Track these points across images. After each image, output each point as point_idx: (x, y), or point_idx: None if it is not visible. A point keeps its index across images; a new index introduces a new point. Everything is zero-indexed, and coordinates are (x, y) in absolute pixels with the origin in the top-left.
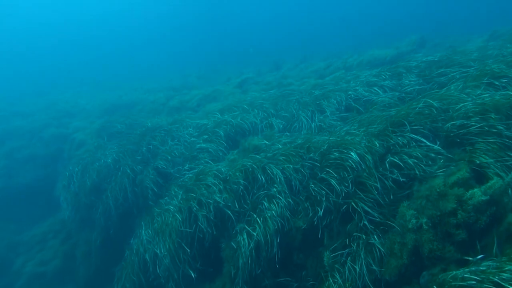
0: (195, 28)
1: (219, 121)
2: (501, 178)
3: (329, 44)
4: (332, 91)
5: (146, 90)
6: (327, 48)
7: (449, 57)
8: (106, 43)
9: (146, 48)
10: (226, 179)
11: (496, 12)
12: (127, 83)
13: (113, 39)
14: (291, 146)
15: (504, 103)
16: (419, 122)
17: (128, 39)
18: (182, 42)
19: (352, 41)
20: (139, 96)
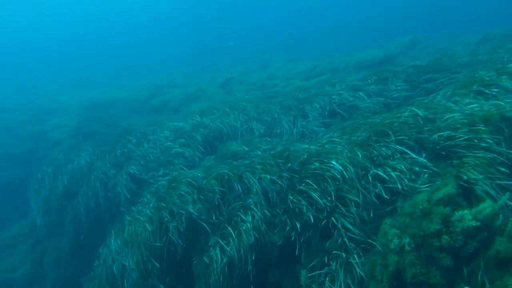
0: (190, 28)
1: (197, 124)
2: (492, 200)
3: (320, 43)
4: (316, 94)
5: (130, 88)
6: (318, 47)
7: (438, 62)
8: (99, 40)
9: (139, 46)
10: (200, 187)
11: (490, 13)
12: (113, 80)
13: (107, 37)
14: (270, 154)
15: (494, 114)
16: (404, 132)
17: (123, 37)
18: (176, 41)
19: (342, 41)
20: (122, 93)
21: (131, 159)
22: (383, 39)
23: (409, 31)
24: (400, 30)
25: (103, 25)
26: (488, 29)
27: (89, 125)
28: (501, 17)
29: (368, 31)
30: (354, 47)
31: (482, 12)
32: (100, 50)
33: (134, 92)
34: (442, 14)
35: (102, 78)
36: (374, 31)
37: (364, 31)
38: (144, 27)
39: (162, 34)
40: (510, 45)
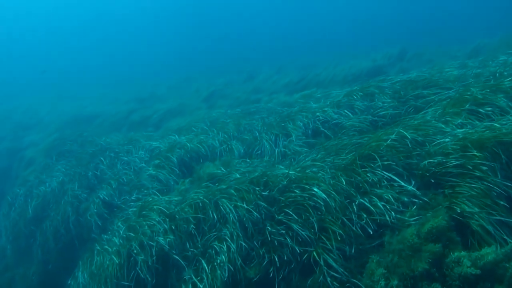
0: (178, 38)
1: (174, 144)
2: (490, 237)
3: (308, 52)
4: (299, 111)
5: (112, 100)
6: (305, 56)
7: (426, 76)
8: (88, 49)
9: (127, 55)
10: (173, 216)
11: (480, 22)
12: (96, 92)
13: (97, 46)
14: (247, 179)
15: (489, 137)
16: (392, 157)
17: (112, 47)
18: (164, 49)
19: (330, 50)
20: (103, 107)
21: (104, 181)
22: (371, 48)
23: (398, 40)
24: (389, 40)
25: (91, 34)
26: (479, 39)
27: (64, 143)
28: (491, 26)
29: (356, 40)
30: (342, 57)
31: (472, 21)
32: (89, 60)
33: (116, 106)
34: (432, 23)
35: (84, 89)
36: (362, 40)
37: (352, 40)
38: (133, 35)
39: (151, 41)
40: (502, 57)
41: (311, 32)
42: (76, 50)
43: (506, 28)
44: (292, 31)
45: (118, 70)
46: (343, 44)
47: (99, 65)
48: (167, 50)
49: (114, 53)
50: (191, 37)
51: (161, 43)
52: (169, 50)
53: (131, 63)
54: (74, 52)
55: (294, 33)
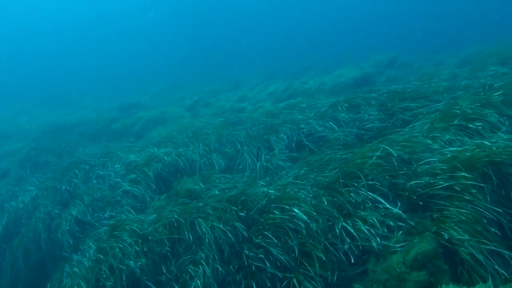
0: (167, 45)
1: (151, 157)
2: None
3: (296, 59)
4: (283, 123)
5: (95, 109)
6: (293, 64)
7: (415, 88)
8: (75, 55)
9: (115, 62)
10: (146, 237)
11: (475, 29)
12: (79, 100)
13: (85, 53)
14: (225, 197)
15: (480, 157)
16: (377, 175)
17: (100, 54)
18: (152, 58)
19: (319, 57)
20: (85, 115)
21: (77, 196)
22: (362, 55)
23: (390, 47)
24: (380, 47)
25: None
26: (471, 46)
27: (40, 154)
28: (485, 33)
29: (347, 47)
30: (330, 64)
31: (466, 27)
32: (74, 64)
33: (98, 114)
34: (425, 30)
35: (67, 97)
36: (354, 46)
37: (343, 47)
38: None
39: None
40: (492, 67)
41: (302, 38)
42: (61, 56)
43: (499, 35)
44: (283, 38)
45: (106, 76)
46: (334, 51)
47: (87, 71)
48: (155, 56)
49: (102, 60)
50: (179, 44)
51: (149, 50)
52: (157, 56)
53: (119, 69)
54: (57, 59)
55: (284, 39)
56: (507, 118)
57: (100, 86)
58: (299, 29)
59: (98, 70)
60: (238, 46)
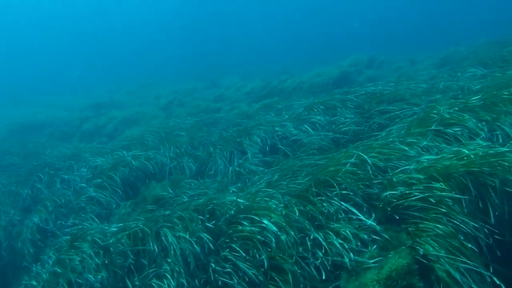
0: (145, 43)
1: (119, 161)
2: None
3: (276, 59)
4: (258, 125)
5: (68, 107)
6: (273, 63)
7: (392, 90)
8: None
9: (92, 59)
10: (107, 248)
11: (453, 30)
12: (53, 98)
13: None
14: (192, 205)
15: (457, 166)
16: (351, 184)
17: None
18: (130, 55)
19: (303, 57)
20: (57, 114)
21: (40, 202)
22: (343, 55)
23: (369, 47)
24: (359, 47)
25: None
26: (448, 47)
27: (4, 156)
28: (461, 34)
29: (328, 47)
30: (310, 63)
31: (442, 29)
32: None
33: (70, 113)
34: (402, 30)
35: (40, 95)
36: (335, 47)
37: (324, 47)
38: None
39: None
40: (471, 69)
41: (283, 37)
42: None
43: (477, 36)
44: (263, 36)
45: (81, 74)
46: (315, 50)
47: (60, 68)
48: (131, 53)
49: (76, 57)
50: (157, 42)
51: (125, 47)
52: (133, 54)
53: (93, 66)
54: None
55: (265, 38)
56: (486, 124)
57: (73, 83)
58: (279, 28)
59: (71, 67)
60: (215, 46)
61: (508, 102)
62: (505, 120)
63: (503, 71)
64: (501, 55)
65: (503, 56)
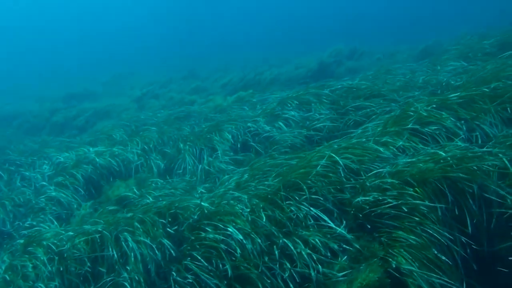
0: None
1: (83, 157)
2: None
3: (260, 49)
4: (230, 120)
5: (39, 98)
6: (256, 54)
7: (369, 85)
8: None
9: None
10: (63, 254)
11: (437, 20)
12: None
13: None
14: (154, 208)
15: (433, 170)
16: (321, 188)
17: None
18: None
19: (284, 48)
20: (27, 106)
21: None
22: (324, 46)
23: (350, 38)
24: (340, 37)
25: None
26: (430, 37)
27: None
28: (444, 24)
29: (310, 37)
30: (291, 54)
31: (426, 18)
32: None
33: (41, 104)
34: (385, 21)
35: (13, 83)
36: (316, 38)
37: (306, 37)
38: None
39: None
40: (451, 62)
41: (265, 28)
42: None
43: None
44: (246, 27)
45: (56, 63)
46: (296, 40)
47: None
48: (110, 43)
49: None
50: (138, 32)
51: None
52: (112, 43)
53: (71, 55)
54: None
55: (247, 30)
56: (465, 122)
57: (48, 73)
58: (264, 18)
59: (47, 57)
60: (198, 36)
61: (488, 99)
62: (484, 119)
63: (483, 65)
64: (482, 48)
65: (483, 49)
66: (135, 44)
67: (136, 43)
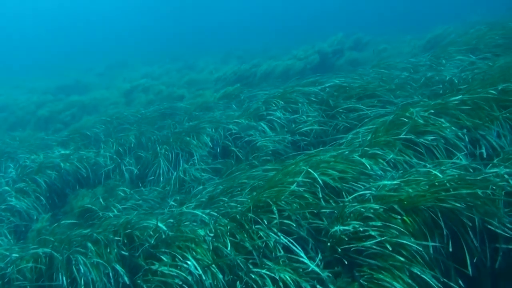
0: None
1: (47, 161)
2: None
3: (262, 38)
4: (212, 121)
5: (30, 89)
6: (258, 43)
7: (362, 84)
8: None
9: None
10: (6, 280)
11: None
12: (20, 78)
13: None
14: (111, 227)
15: (426, 195)
16: (295, 212)
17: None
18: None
19: (284, 36)
20: (16, 97)
21: None
22: (325, 33)
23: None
24: (343, 25)
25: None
26: (438, 25)
27: None
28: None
29: (311, 24)
30: (292, 43)
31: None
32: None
33: (30, 96)
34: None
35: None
36: (318, 24)
37: (311, 26)
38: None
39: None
40: (458, 56)
41: (268, 17)
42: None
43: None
44: (248, 16)
45: (54, 52)
46: (299, 29)
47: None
48: (113, 33)
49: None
50: (138, 22)
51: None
52: (115, 33)
53: (68, 44)
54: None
55: (250, 18)
56: (467, 132)
57: (46, 63)
58: (266, 7)
59: (44, 46)
60: (200, 25)
61: (494, 103)
62: (490, 128)
63: (493, 59)
64: (492, 39)
65: (494, 40)
66: (136, 34)
67: (137, 33)
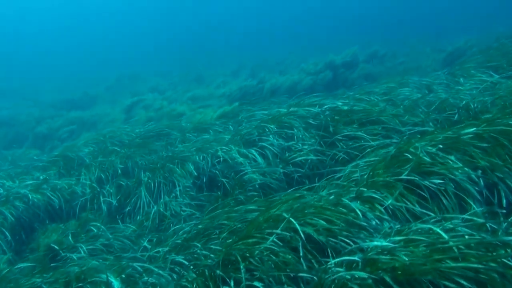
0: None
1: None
2: None
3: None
4: (200, 147)
5: (36, 102)
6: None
7: (366, 108)
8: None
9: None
10: None
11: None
12: (30, 90)
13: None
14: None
15: (426, 263)
16: (267, 273)
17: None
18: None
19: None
20: (22, 110)
21: None
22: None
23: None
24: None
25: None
26: (461, 36)
27: None
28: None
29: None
30: (308, 54)
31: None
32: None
33: (32, 110)
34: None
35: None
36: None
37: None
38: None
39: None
40: (478, 74)
41: (290, 27)
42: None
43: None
44: (266, 27)
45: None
46: (315, 40)
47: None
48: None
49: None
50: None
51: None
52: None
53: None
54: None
55: (267, 29)
56: (483, 174)
57: (57, 74)
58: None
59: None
60: (215, 35)
61: None
62: (511, 168)
63: None
64: None
65: None
66: (152, 42)
67: (153, 41)
